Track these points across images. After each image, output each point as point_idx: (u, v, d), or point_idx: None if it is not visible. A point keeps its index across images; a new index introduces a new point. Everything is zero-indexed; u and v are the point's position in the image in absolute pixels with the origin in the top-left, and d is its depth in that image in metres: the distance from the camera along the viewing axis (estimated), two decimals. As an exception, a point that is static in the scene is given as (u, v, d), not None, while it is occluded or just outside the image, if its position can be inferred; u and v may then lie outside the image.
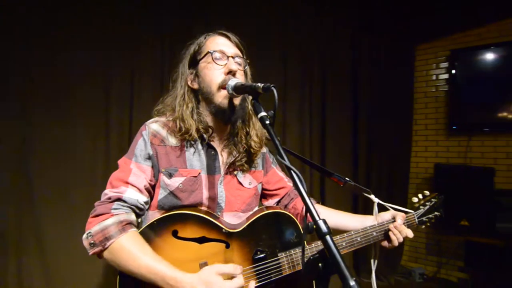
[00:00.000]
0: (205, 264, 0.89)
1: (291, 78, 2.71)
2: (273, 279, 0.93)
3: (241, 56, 1.04)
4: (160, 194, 0.98)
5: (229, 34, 1.05)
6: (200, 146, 1.03)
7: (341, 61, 3.02)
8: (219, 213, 1.03)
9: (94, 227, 0.85)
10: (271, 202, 1.23)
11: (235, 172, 1.08)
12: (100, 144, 1.98)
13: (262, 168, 1.19)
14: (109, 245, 0.84)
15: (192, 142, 1.02)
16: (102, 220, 0.86)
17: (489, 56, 3.01)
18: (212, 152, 1.04)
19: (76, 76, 1.89)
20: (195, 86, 1.03)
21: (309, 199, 0.65)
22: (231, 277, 0.84)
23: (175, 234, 0.90)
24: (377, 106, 3.14)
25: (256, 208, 1.13)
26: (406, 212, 1.13)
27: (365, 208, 3.00)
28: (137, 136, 1.00)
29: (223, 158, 1.06)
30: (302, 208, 1.20)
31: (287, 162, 0.71)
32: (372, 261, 1.10)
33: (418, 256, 3.33)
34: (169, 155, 0.98)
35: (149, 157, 0.97)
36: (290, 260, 0.95)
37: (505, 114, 2.97)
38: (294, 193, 1.24)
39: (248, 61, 1.07)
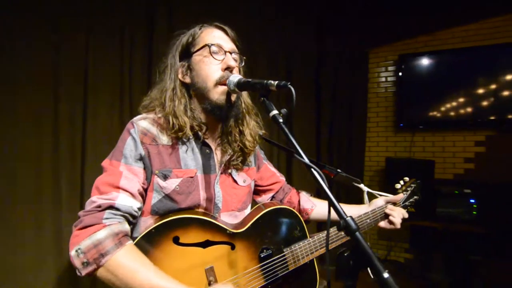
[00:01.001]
0: (211, 269, 0.86)
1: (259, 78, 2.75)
2: (280, 275, 0.93)
3: (237, 52, 1.01)
4: (154, 198, 0.90)
5: (226, 28, 1.00)
6: (194, 144, 0.97)
7: (305, 64, 3.15)
8: (216, 214, 0.99)
9: (83, 241, 0.74)
10: (264, 197, 1.23)
11: (229, 171, 1.05)
12: (47, 143, 1.76)
13: (255, 165, 1.18)
14: (104, 262, 0.73)
15: (185, 140, 0.95)
16: (92, 233, 0.75)
17: (426, 61, 3.43)
18: (207, 150, 1.00)
19: (21, 70, 1.64)
20: (187, 80, 0.96)
21: (332, 197, 0.67)
22: None
23: (176, 241, 0.84)
24: (337, 105, 3.34)
25: (249, 206, 1.12)
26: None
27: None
28: (124, 135, 0.90)
29: (217, 156, 1.03)
30: (298, 201, 1.23)
31: (306, 161, 0.72)
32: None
33: (370, 242, 3.66)
34: (162, 155, 0.91)
35: (141, 158, 0.88)
36: (294, 255, 0.97)
37: (435, 113, 3.42)
38: (287, 187, 1.26)
39: (244, 58, 1.04)
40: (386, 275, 0.56)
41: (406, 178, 1.34)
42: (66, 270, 1.76)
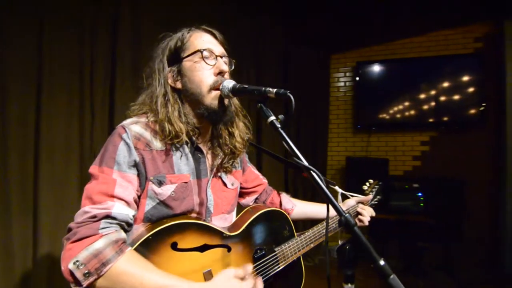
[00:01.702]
0: (209, 272, 0.87)
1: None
2: (272, 273, 0.98)
3: (227, 55, 1.02)
4: (147, 205, 0.88)
5: (214, 32, 1.00)
6: (187, 149, 0.97)
7: (273, 66, 3.25)
8: (208, 218, 1.00)
9: (80, 253, 0.70)
10: (248, 199, 1.26)
11: (219, 174, 1.06)
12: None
13: (240, 167, 1.21)
14: (105, 271, 0.70)
15: (178, 145, 0.94)
16: (89, 244, 0.72)
17: (379, 69, 3.78)
18: (199, 155, 1.00)
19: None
20: (178, 85, 0.95)
21: (330, 196, 0.73)
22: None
23: (174, 246, 0.83)
24: (303, 107, 3.50)
25: (236, 208, 1.15)
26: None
27: (295, 190, 3.36)
28: (115, 140, 0.85)
29: (209, 160, 1.03)
30: (280, 202, 1.28)
31: (305, 163, 0.77)
32: (339, 239, 1.28)
33: (335, 236, 3.89)
34: (156, 161, 0.89)
35: (135, 164, 0.85)
36: (284, 254, 1.02)
37: (386, 115, 3.78)
38: (269, 189, 1.30)
39: (234, 61, 1.05)
40: (382, 262, 0.64)
41: (371, 180, 1.49)
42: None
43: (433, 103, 3.63)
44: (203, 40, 0.95)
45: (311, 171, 0.75)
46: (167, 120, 0.90)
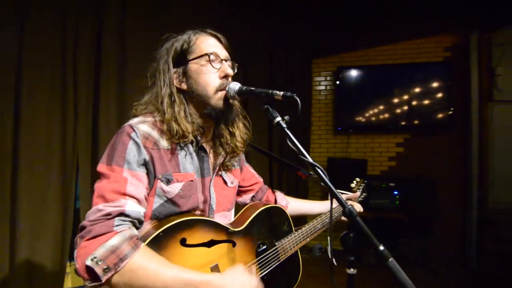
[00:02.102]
0: (216, 266, 0.90)
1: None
2: (273, 266, 1.03)
3: (230, 59, 1.05)
4: (155, 202, 0.90)
5: (219, 36, 1.03)
6: (191, 148, 0.99)
7: (259, 68, 3.31)
8: (211, 215, 1.03)
9: (97, 250, 0.71)
10: (245, 197, 1.30)
11: (220, 172, 1.10)
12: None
13: (238, 166, 1.25)
14: (122, 266, 0.72)
15: (183, 145, 0.97)
16: (105, 241, 0.73)
17: (358, 74, 3.97)
18: (202, 154, 1.03)
19: None
20: (184, 86, 0.97)
21: (336, 191, 0.80)
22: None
23: (183, 242, 0.86)
24: (287, 110, 3.60)
25: (234, 205, 1.19)
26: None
27: (280, 187, 3.45)
28: (124, 139, 0.86)
29: (211, 159, 1.07)
30: (275, 199, 1.33)
31: (310, 160, 0.83)
32: (329, 237, 1.36)
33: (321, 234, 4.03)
34: (163, 159, 0.91)
35: (144, 163, 0.87)
36: (284, 247, 1.07)
37: (363, 118, 3.98)
38: (265, 187, 1.35)
39: (236, 64, 1.09)
40: (381, 247, 0.71)
41: (357, 179, 1.58)
42: None
43: (405, 107, 3.88)
44: (209, 44, 0.98)
45: (317, 168, 0.81)
46: (174, 120, 0.92)
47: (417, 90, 3.86)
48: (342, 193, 1.42)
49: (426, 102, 3.84)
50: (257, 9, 3.13)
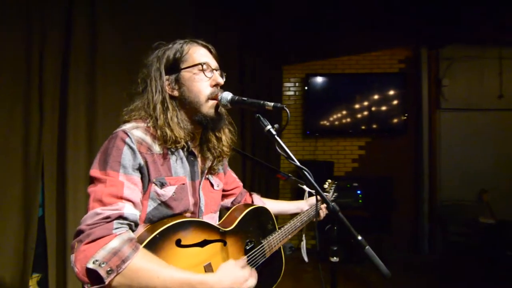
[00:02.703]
0: (209, 265, 0.96)
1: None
2: (260, 262, 1.10)
3: (219, 69, 1.11)
4: (149, 206, 0.93)
5: (210, 47, 1.09)
6: (182, 153, 1.03)
7: (230, 73, 3.38)
8: (200, 217, 1.08)
9: (98, 252, 0.73)
10: (227, 201, 1.34)
11: (207, 176, 1.15)
12: None
13: (222, 170, 1.31)
14: (124, 268, 0.74)
15: (173, 150, 1.01)
16: (105, 244, 0.74)
17: (323, 81, 4.23)
18: (192, 158, 1.08)
19: None
20: (175, 93, 1.01)
21: (321, 191, 0.90)
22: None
23: (178, 243, 0.90)
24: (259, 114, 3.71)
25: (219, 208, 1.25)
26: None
27: (252, 187, 3.54)
28: (118, 144, 0.88)
29: (199, 163, 1.12)
30: (252, 202, 1.39)
31: (297, 163, 0.93)
32: (303, 235, 1.47)
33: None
34: (157, 164, 0.95)
35: (139, 168, 0.89)
36: (269, 244, 1.16)
37: (328, 123, 4.25)
38: (244, 190, 1.41)
39: (224, 74, 1.15)
40: (359, 237, 0.83)
41: (329, 180, 1.71)
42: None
43: (366, 113, 4.21)
44: (201, 54, 1.03)
45: (304, 170, 0.91)
46: (167, 126, 0.95)
47: (375, 97, 4.21)
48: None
49: (383, 108, 4.20)
50: (228, 14, 3.20)
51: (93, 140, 2.40)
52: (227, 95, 1.01)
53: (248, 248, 1.09)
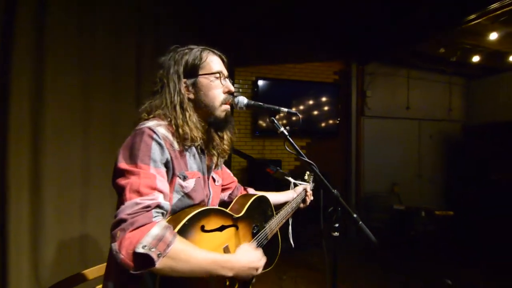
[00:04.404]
0: (227, 247, 1.08)
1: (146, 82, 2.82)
2: (264, 244, 1.27)
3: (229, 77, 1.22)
4: (174, 198, 1.00)
5: (223, 57, 1.18)
6: (194, 150, 1.13)
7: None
8: (210, 208, 1.20)
9: (144, 239, 0.78)
10: (223, 195, 1.46)
11: (211, 172, 1.27)
12: None
13: (220, 167, 1.43)
14: (168, 251, 0.81)
15: (187, 146, 1.08)
16: (147, 231, 0.80)
17: (269, 84, 4.56)
18: (201, 155, 1.18)
19: None
20: (191, 96, 1.09)
21: (326, 182, 1.13)
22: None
23: (203, 228, 1.00)
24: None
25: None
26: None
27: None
28: (146, 140, 0.93)
29: (206, 160, 1.23)
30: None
31: (306, 159, 1.14)
32: (290, 221, 1.68)
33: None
34: (178, 159, 1.02)
35: (166, 162, 0.96)
36: (270, 228, 1.33)
37: (266, 122, 4.64)
38: (238, 185, 1.55)
39: (232, 81, 1.28)
40: (355, 215, 1.08)
41: (308, 172, 1.95)
42: None
43: (306, 116, 4.72)
44: (218, 63, 1.13)
45: (312, 165, 1.13)
46: (186, 125, 1.03)
47: (314, 103, 4.76)
48: (301, 184, 1.74)
49: (321, 113, 4.78)
50: (184, 17, 3.22)
51: (40, 132, 2.17)
52: (243, 100, 1.15)
53: (254, 232, 1.24)
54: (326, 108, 4.77)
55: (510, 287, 3.16)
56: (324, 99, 4.75)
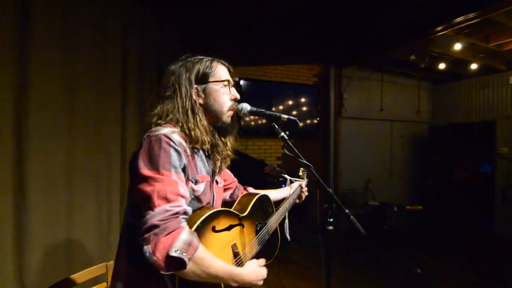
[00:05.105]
0: (235, 244, 1.17)
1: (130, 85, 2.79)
2: (266, 240, 1.37)
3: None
4: None
5: (230, 68, 1.26)
6: (202, 154, 1.20)
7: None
8: (214, 209, 1.27)
9: (176, 243, 0.84)
10: (225, 194, 1.53)
11: (215, 175, 1.35)
12: None
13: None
14: (196, 256, 0.87)
15: (196, 150, 1.16)
16: (178, 236, 0.86)
17: (252, 85, 4.66)
18: (207, 159, 1.25)
19: None
20: (201, 101, 1.15)
21: (322, 182, 1.24)
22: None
23: (214, 229, 1.07)
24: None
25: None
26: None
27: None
28: (165, 147, 0.98)
29: (211, 164, 1.29)
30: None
31: (305, 161, 1.25)
32: (286, 215, 1.78)
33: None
34: (190, 163, 1.08)
35: (184, 168, 1.01)
36: (271, 224, 1.43)
37: (254, 123, 4.74)
38: (239, 185, 1.63)
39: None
40: (347, 211, 1.20)
41: (302, 169, 2.03)
42: None
43: (287, 117, 4.86)
44: (225, 72, 1.21)
45: (310, 167, 1.23)
46: (198, 129, 1.10)
47: (295, 104, 4.92)
48: (296, 180, 1.85)
49: (301, 114, 4.95)
50: (165, 15, 3.22)
51: (24, 132, 2.10)
52: (247, 106, 1.24)
53: (258, 229, 1.34)
54: (306, 108, 4.95)
55: (472, 272, 3.52)
56: (304, 100, 4.93)
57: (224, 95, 1.17)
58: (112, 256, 2.56)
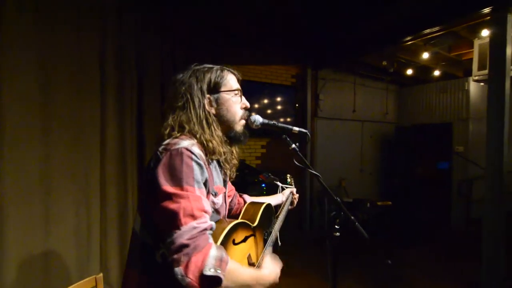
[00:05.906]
0: (249, 255, 1.19)
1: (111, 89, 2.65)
2: (271, 247, 1.40)
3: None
4: None
5: (239, 77, 1.25)
6: (216, 164, 1.20)
7: (152, 70, 3.24)
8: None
9: (207, 261, 0.83)
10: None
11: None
12: None
13: None
14: (227, 271, 0.86)
15: (211, 161, 1.16)
16: (208, 253, 0.85)
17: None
18: (220, 169, 1.25)
19: None
20: (213, 111, 1.14)
21: (329, 189, 1.30)
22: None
23: (234, 242, 1.08)
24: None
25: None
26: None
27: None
28: (187, 161, 0.95)
29: (222, 173, 1.29)
30: (244, 201, 1.64)
31: (313, 171, 1.29)
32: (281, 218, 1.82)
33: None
34: (209, 176, 1.07)
35: (205, 182, 1.00)
36: (274, 231, 1.45)
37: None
38: (236, 193, 1.64)
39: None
40: (352, 217, 1.28)
41: (289, 175, 2.09)
42: None
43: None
44: (235, 81, 1.20)
45: (318, 176, 1.28)
46: (214, 139, 1.08)
47: (273, 103, 4.99)
48: (287, 187, 1.89)
49: (278, 113, 5.04)
50: (144, 11, 3.09)
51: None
52: (259, 119, 1.25)
53: (265, 238, 1.36)
54: (284, 108, 5.04)
55: (436, 262, 3.89)
56: (282, 99, 5.02)
57: (236, 104, 1.17)
58: (93, 268, 2.44)
